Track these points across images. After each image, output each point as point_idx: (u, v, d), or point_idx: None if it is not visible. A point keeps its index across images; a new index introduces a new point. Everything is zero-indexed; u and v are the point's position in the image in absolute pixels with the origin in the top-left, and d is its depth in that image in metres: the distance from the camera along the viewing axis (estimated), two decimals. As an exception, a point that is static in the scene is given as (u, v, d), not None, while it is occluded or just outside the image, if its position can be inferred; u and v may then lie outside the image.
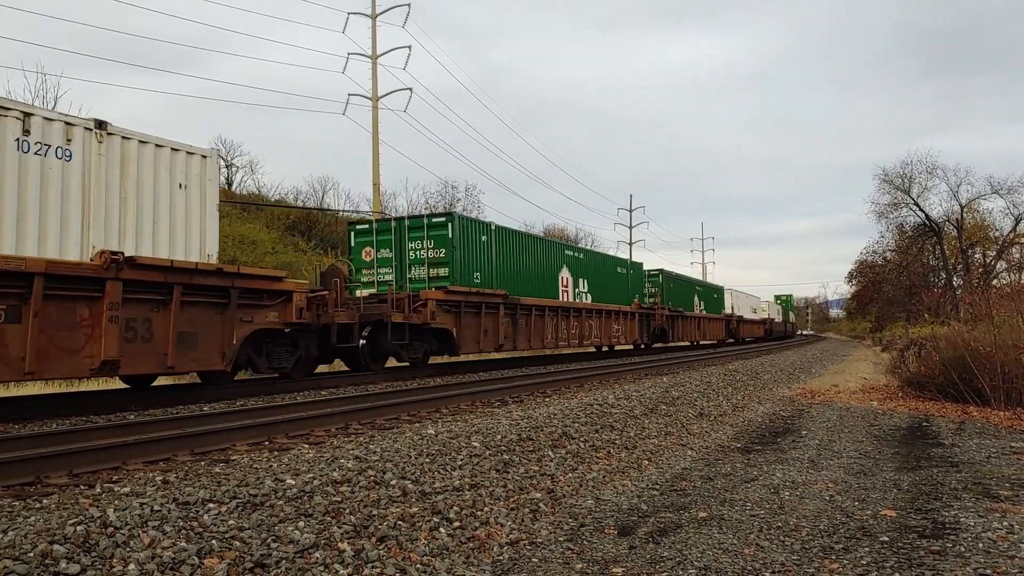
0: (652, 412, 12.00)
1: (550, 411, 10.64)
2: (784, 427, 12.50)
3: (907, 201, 59.67)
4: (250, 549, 4.72)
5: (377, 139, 33.58)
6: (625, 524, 6.50)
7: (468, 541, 5.79)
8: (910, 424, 12.73)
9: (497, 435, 8.56)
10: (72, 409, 11.17)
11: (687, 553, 5.64)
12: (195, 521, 4.90)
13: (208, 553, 4.55)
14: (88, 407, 11.36)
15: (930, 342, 19.33)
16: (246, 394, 13.80)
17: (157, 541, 4.55)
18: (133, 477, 6.60)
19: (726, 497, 7.43)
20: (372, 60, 34.49)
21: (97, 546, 4.36)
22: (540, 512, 6.79)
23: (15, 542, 4.23)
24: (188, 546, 4.53)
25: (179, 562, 4.38)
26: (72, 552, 4.24)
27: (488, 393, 13.75)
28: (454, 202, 60.42)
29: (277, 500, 5.50)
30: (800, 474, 8.53)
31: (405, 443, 7.81)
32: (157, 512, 4.92)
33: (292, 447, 8.23)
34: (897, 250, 64.75)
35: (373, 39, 34.56)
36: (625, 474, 8.60)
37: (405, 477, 6.57)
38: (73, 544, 4.32)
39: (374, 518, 5.64)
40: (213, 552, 4.57)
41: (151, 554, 4.38)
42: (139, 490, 5.71)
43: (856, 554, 5.57)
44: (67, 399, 12.07)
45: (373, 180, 33.22)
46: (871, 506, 7.03)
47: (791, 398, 17.29)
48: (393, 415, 10.97)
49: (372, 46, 34.57)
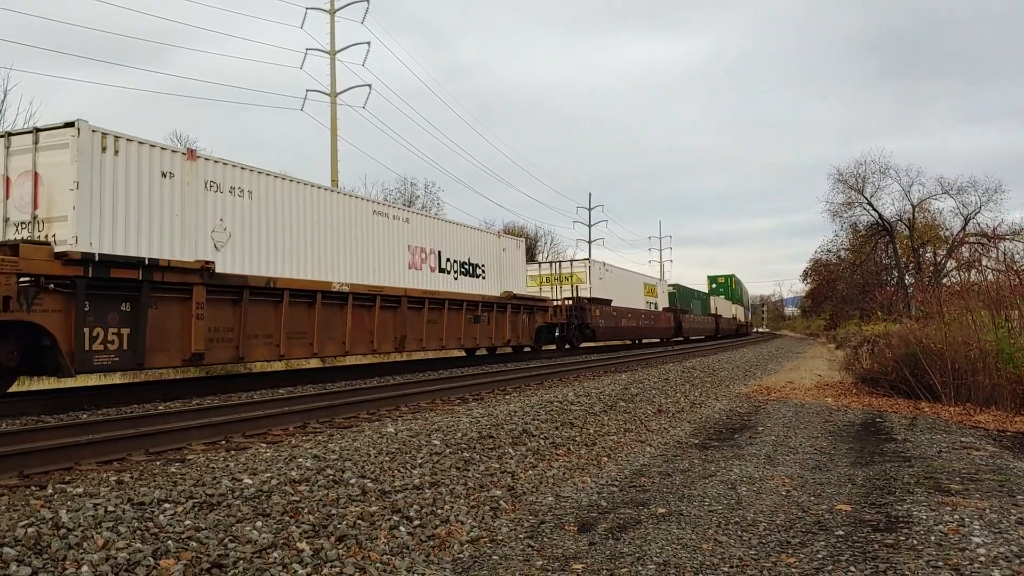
0: (611, 409, 12.05)
1: (511, 408, 10.64)
2: (741, 423, 12.63)
3: (861, 200, 60.83)
4: (207, 550, 4.65)
5: (336, 135, 33.32)
6: (585, 520, 6.52)
7: (428, 539, 5.77)
8: (864, 420, 12.93)
9: (458, 433, 8.54)
10: (21, 409, 10.92)
11: (646, 549, 5.67)
12: (150, 522, 4.82)
13: (164, 554, 4.48)
14: (38, 407, 11.13)
15: (883, 339, 19.72)
16: (202, 393, 13.62)
17: (111, 542, 4.47)
18: (86, 477, 6.47)
19: (684, 493, 7.49)
20: (331, 56, 34.19)
21: (49, 548, 4.27)
22: (501, 510, 6.78)
23: (-37, 545, 4.12)
24: (143, 547, 4.46)
25: (134, 563, 4.31)
26: (23, 555, 4.15)
27: (449, 391, 13.71)
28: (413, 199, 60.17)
29: (234, 500, 5.43)
30: (757, 470, 8.63)
31: (364, 442, 7.75)
32: (111, 513, 4.84)
33: (249, 446, 8.13)
34: (851, 249, 65.89)
35: (332, 35, 34.25)
36: (585, 471, 8.63)
37: (364, 476, 6.53)
38: (24, 546, 4.23)
39: (333, 517, 5.59)
40: (169, 553, 4.50)
41: (105, 555, 4.31)
42: (92, 491, 5.60)
43: (812, 548, 5.64)
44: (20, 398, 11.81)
45: (331, 176, 32.94)
46: (826, 501, 7.13)
47: (748, 395, 17.48)
48: (352, 413, 10.89)
49: (331, 42, 34.26)
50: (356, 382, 16.41)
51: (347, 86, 34.98)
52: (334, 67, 34.00)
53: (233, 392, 14.08)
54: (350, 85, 35.85)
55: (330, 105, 33.61)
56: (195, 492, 5.43)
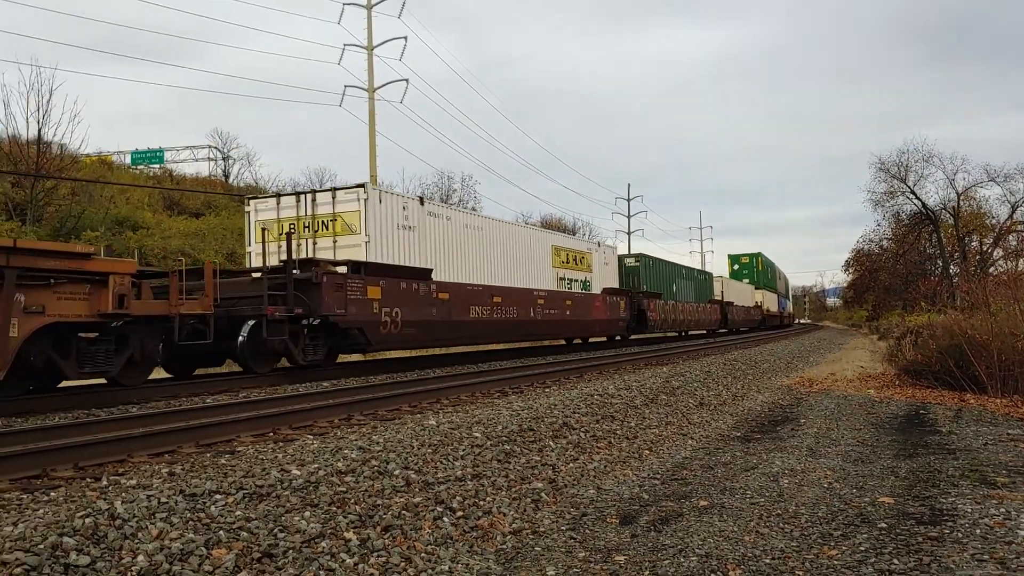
0: (652, 402, 12.06)
1: (551, 401, 10.70)
2: (783, 416, 12.58)
3: (903, 189, 59.92)
4: (257, 539, 4.78)
5: (373, 130, 33.57)
6: (627, 513, 6.56)
7: (471, 530, 5.85)
8: (907, 412, 12.81)
9: (498, 425, 8.62)
10: (74, 403, 11.20)
11: (688, 540, 5.70)
12: (202, 512, 4.95)
13: (216, 544, 4.60)
14: (90, 400, 11.40)
15: (927, 330, 19.41)
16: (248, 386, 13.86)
17: (165, 532, 4.60)
18: (139, 469, 6.66)
19: (726, 485, 7.50)
20: (368, 51, 34.43)
21: (106, 538, 4.41)
22: (542, 502, 6.85)
23: (25, 534, 4.27)
24: (196, 537, 4.59)
25: (187, 553, 4.44)
26: (81, 544, 4.29)
27: (488, 384, 13.81)
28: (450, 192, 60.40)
29: (283, 491, 5.56)
30: (799, 462, 8.60)
31: (407, 434, 7.86)
32: (164, 504, 4.98)
33: (296, 438, 8.28)
34: (894, 238, 64.94)
35: (369, 30, 34.49)
36: (626, 464, 8.67)
37: (408, 467, 6.63)
38: (82, 536, 4.37)
39: (378, 508, 5.70)
40: (221, 543, 4.63)
41: (159, 545, 4.44)
42: (146, 482, 5.77)
43: (854, 540, 5.63)
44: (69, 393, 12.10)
45: (370, 171, 33.21)
46: (869, 493, 7.10)
47: (790, 387, 17.37)
48: (395, 406, 11.03)
49: (368, 37, 34.50)
50: (397, 375, 16.60)
51: (384, 81, 35.25)
52: (371, 63, 34.24)
53: (278, 385, 14.30)
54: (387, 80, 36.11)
55: (368, 101, 33.85)
56: (245, 483, 5.56)
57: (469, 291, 21.50)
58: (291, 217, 19.34)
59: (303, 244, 18.94)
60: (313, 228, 19.17)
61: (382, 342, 17.77)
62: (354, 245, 18.42)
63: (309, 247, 18.97)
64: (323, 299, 15.50)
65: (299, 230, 18.92)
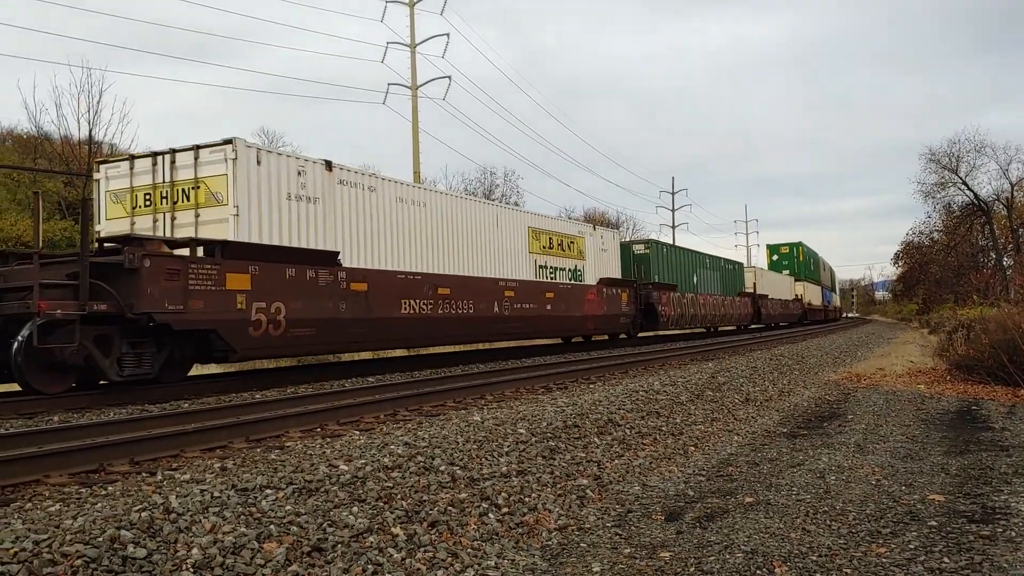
0: (698, 398, 12.01)
1: (595, 398, 10.71)
2: (830, 411, 12.45)
3: (954, 180, 58.75)
4: (307, 534, 4.87)
5: (417, 128, 33.75)
6: (672, 510, 6.56)
7: (517, 527, 5.90)
8: (958, 408, 12.60)
9: (543, 422, 8.65)
10: (127, 399, 11.45)
11: (734, 537, 5.69)
12: (253, 507, 5.06)
13: (267, 538, 4.70)
14: (142, 397, 11.65)
15: (979, 324, 19.05)
16: (296, 381, 14.06)
17: (218, 526, 4.71)
18: (192, 464, 6.80)
19: (772, 482, 7.46)
20: (411, 49, 34.63)
21: (161, 531, 4.52)
22: (587, 498, 6.87)
23: (85, 527, 4.40)
24: (248, 531, 4.69)
25: (240, 547, 4.54)
26: (138, 537, 4.41)
27: (532, 380, 13.84)
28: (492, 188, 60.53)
29: (331, 486, 5.65)
30: (846, 459, 8.52)
31: (452, 429, 7.93)
32: (217, 498, 5.09)
33: (343, 433, 8.39)
34: (944, 230, 63.69)
35: (411, 27, 34.68)
36: (671, 460, 8.65)
37: (454, 463, 6.69)
38: (139, 529, 4.48)
39: (425, 503, 5.77)
40: (272, 537, 4.73)
41: (213, 539, 4.54)
42: (199, 477, 5.90)
43: (904, 538, 5.58)
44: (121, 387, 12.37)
45: (413, 167, 33.41)
46: (918, 491, 7.02)
47: (837, 382, 17.17)
48: (439, 401, 11.11)
49: (411, 35, 34.70)
50: (441, 370, 16.68)
51: (427, 78, 35.52)
52: (414, 60, 34.42)
53: (325, 380, 14.49)
54: (430, 77, 36.28)
55: (411, 98, 34.04)
56: (294, 478, 5.66)
57: (401, 281, 17.27)
58: (147, 185, 15.01)
59: (161, 219, 14.93)
60: (172, 198, 14.78)
61: (256, 348, 13.63)
62: (219, 220, 14.23)
63: (166, 223, 14.84)
64: (144, 290, 11.52)
65: (155, 201, 14.95)
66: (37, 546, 4.12)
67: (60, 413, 10.08)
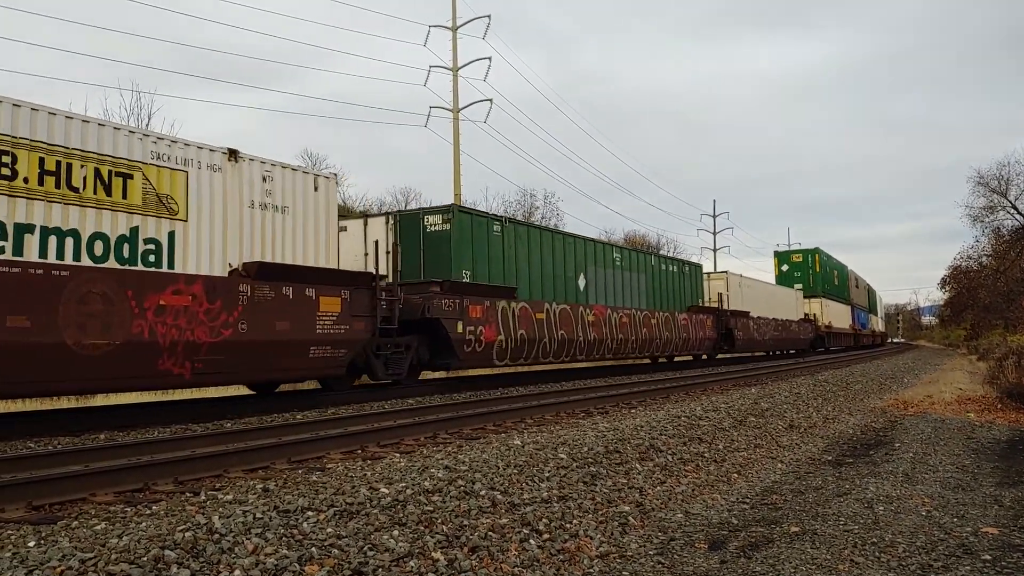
0: (741, 424, 11.85)
1: (636, 423, 10.61)
2: (876, 439, 12.20)
3: (1004, 204, 57.56)
4: (348, 557, 4.86)
5: (458, 151, 33.98)
6: (716, 538, 6.46)
7: (558, 553, 5.83)
8: (1011, 437, 12.28)
9: (584, 447, 8.58)
10: (171, 417, 11.60)
11: (780, 568, 5.58)
12: (295, 529, 5.07)
13: (308, 560, 4.70)
14: (185, 415, 11.79)
15: (1031, 351, 18.61)
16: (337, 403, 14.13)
17: (260, 548, 4.72)
18: (235, 485, 6.85)
19: (818, 511, 7.31)
20: (453, 72, 34.93)
21: (204, 552, 4.55)
22: (629, 525, 6.79)
23: (130, 547, 4.44)
24: (289, 553, 4.69)
25: (281, 568, 4.54)
26: (182, 557, 4.43)
27: (572, 404, 13.77)
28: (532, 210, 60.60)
29: (372, 509, 5.64)
30: (894, 488, 8.34)
31: (492, 453, 7.90)
32: (259, 520, 5.11)
33: (384, 456, 8.41)
34: (994, 255, 62.39)
35: (454, 52, 35.01)
36: (714, 487, 8.53)
37: (494, 488, 6.65)
38: (183, 550, 4.51)
39: (465, 528, 5.73)
40: (313, 559, 4.72)
41: (255, 560, 4.55)
42: (241, 498, 5.93)
43: (957, 572, 5.43)
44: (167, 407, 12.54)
45: (454, 191, 33.60)
46: (971, 523, 6.84)
47: (883, 409, 16.84)
48: (479, 425, 11.09)
49: (453, 58, 35.02)
50: (480, 393, 16.68)
51: (469, 101, 35.81)
52: (456, 84, 34.70)
53: (364, 402, 14.54)
54: (472, 100, 36.54)
55: (452, 122, 34.29)
56: (336, 500, 5.67)
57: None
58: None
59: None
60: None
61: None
62: None
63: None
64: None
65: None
66: (83, 564, 4.17)
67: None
